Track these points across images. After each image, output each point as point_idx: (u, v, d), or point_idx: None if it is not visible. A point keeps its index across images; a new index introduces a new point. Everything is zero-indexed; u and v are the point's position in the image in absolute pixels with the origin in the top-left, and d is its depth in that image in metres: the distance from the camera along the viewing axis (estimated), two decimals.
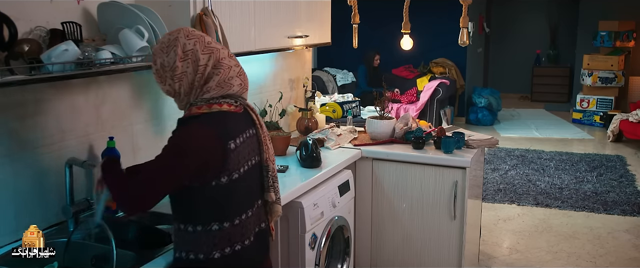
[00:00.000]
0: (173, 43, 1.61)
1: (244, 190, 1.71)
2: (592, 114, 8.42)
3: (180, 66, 1.60)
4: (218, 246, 1.65)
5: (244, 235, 1.71)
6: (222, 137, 1.61)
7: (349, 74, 7.97)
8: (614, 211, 4.76)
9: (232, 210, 1.67)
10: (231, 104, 1.67)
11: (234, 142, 1.64)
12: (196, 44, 1.62)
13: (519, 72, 11.19)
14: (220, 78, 1.63)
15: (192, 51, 1.61)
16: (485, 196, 5.06)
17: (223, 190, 1.63)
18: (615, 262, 3.86)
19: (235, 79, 1.66)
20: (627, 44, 8.37)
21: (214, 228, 1.64)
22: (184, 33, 1.63)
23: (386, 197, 3.09)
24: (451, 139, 3.00)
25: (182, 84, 1.62)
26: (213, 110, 1.63)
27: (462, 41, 3.21)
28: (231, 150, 1.62)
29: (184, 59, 1.60)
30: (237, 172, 1.66)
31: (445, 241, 3.00)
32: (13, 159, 1.90)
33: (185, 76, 1.61)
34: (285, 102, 3.45)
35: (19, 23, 1.77)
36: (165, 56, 1.62)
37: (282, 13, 2.91)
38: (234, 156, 1.64)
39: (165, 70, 1.62)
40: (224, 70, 1.64)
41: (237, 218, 1.68)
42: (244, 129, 1.71)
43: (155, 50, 1.66)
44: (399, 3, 3.71)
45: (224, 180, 1.62)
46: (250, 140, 1.73)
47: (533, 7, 11.11)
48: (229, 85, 1.65)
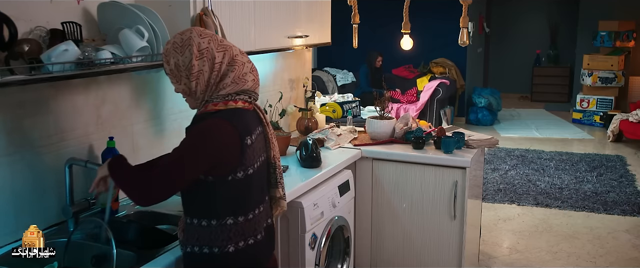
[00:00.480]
0: (187, 42, 1.63)
1: (257, 185, 1.75)
2: (592, 114, 8.42)
3: (197, 65, 1.62)
4: (232, 240, 1.68)
5: (257, 230, 1.75)
6: (240, 132, 1.65)
7: (349, 74, 7.97)
8: (614, 211, 4.76)
9: (247, 204, 1.71)
10: (245, 101, 1.71)
11: (250, 138, 1.68)
12: (210, 42, 1.65)
13: (519, 72, 11.19)
14: (235, 74, 1.66)
15: (207, 49, 1.63)
16: (485, 196, 5.06)
17: (239, 184, 1.67)
18: (615, 262, 3.86)
19: (248, 74, 1.70)
20: (627, 44, 8.37)
21: (229, 222, 1.67)
22: (196, 32, 1.65)
23: (386, 197, 3.09)
24: (451, 139, 3.00)
25: (198, 83, 1.64)
26: (229, 107, 1.66)
27: (462, 41, 3.21)
28: (248, 145, 1.66)
29: (200, 58, 1.63)
30: (252, 167, 1.70)
31: (445, 241, 3.00)
32: (13, 159, 1.89)
33: (201, 74, 1.64)
34: (285, 102, 3.45)
35: (19, 23, 1.76)
36: (179, 56, 1.63)
37: (282, 13, 2.91)
38: (250, 151, 1.68)
39: (181, 70, 1.64)
40: (238, 66, 1.67)
41: (251, 212, 1.73)
42: (256, 125, 1.75)
43: (166, 50, 1.67)
44: (399, 3, 3.71)
45: (241, 174, 1.66)
46: (260, 137, 1.77)
47: (533, 7, 11.12)
48: (243, 81, 1.68)
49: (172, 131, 2.55)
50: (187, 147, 1.61)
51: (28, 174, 1.95)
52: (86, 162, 1.96)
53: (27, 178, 1.95)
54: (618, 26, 8.26)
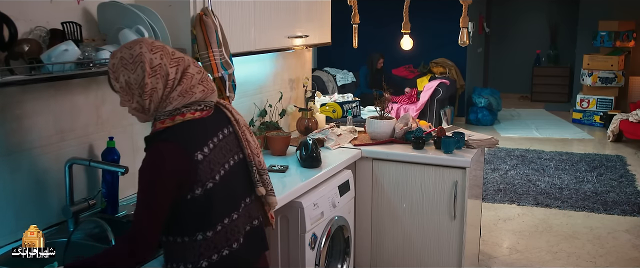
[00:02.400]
0: (138, 58, 1.52)
1: (223, 195, 1.66)
2: (592, 114, 8.42)
3: (150, 83, 1.52)
4: (204, 255, 1.62)
5: (230, 239, 1.67)
6: (187, 149, 1.55)
7: (349, 74, 7.97)
8: (614, 211, 4.76)
9: (212, 219, 1.63)
10: (195, 111, 1.60)
11: (201, 152, 1.57)
12: (163, 57, 1.54)
13: (519, 72, 11.19)
14: (182, 88, 1.56)
15: (160, 66, 1.53)
16: (485, 196, 5.06)
17: (199, 201, 1.59)
18: (615, 262, 3.86)
19: (197, 86, 1.59)
20: (627, 44, 8.37)
21: (198, 238, 1.61)
22: (147, 47, 1.53)
23: (386, 197, 3.09)
24: (451, 139, 3.00)
25: (152, 100, 1.54)
26: (176, 122, 1.57)
27: (462, 41, 3.21)
28: (199, 161, 1.57)
29: (152, 75, 1.52)
30: (212, 180, 1.60)
31: (445, 241, 3.00)
32: (13, 159, 1.90)
33: (155, 92, 1.53)
34: (285, 102, 3.45)
35: (19, 23, 1.77)
36: (130, 73, 1.52)
37: (282, 13, 2.91)
38: (204, 166, 1.58)
39: (133, 88, 1.53)
40: (187, 79, 1.57)
41: (220, 224, 1.65)
42: (214, 132, 1.65)
43: (114, 66, 1.54)
44: (399, 3, 3.71)
45: (198, 191, 1.58)
46: (226, 140, 1.68)
47: (533, 7, 11.12)
48: (191, 94, 1.57)
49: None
50: (145, 188, 1.52)
51: (28, 174, 1.95)
52: (89, 161, 1.96)
53: (27, 178, 1.95)
54: (618, 26, 8.26)
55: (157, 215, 1.53)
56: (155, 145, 1.55)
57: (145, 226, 1.51)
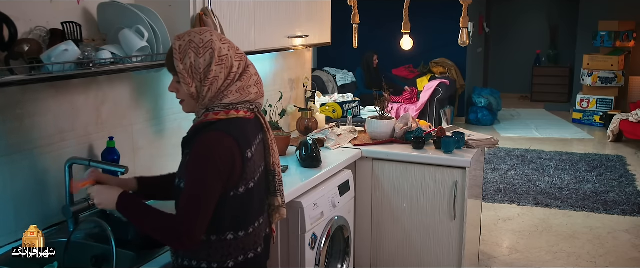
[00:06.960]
0: (208, 44, 1.55)
1: (259, 198, 1.70)
2: (592, 114, 8.42)
3: (215, 70, 1.55)
4: (232, 255, 1.62)
5: (257, 243, 1.70)
6: (241, 146, 1.58)
7: (349, 74, 7.97)
8: (614, 211, 4.76)
9: (248, 219, 1.65)
10: (247, 110, 1.64)
11: (250, 151, 1.61)
12: (230, 49, 1.59)
13: (519, 72, 11.19)
14: (241, 84, 1.60)
15: (227, 57, 1.57)
16: (485, 196, 5.06)
17: (241, 199, 1.60)
18: (615, 262, 3.86)
19: (253, 87, 1.63)
20: (627, 44, 8.38)
21: (229, 238, 1.61)
22: (216, 36, 1.58)
23: (386, 197, 3.09)
24: (451, 139, 3.00)
25: (211, 89, 1.57)
26: (230, 117, 1.59)
27: (462, 41, 3.21)
28: (249, 159, 1.60)
29: (219, 64, 1.56)
30: (253, 180, 1.64)
31: (445, 241, 3.00)
32: (13, 159, 1.89)
33: (216, 81, 1.57)
34: (285, 102, 3.45)
35: (19, 23, 1.76)
36: (198, 57, 1.55)
37: (282, 13, 2.91)
38: (251, 165, 1.62)
39: (197, 72, 1.56)
40: (247, 77, 1.61)
41: (252, 226, 1.67)
42: (256, 135, 1.69)
43: (181, 47, 1.56)
44: (399, 3, 3.71)
45: (242, 189, 1.60)
46: (259, 146, 1.71)
47: (533, 7, 11.12)
48: (247, 93, 1.61)
49: (172, 131, 2.55)
50: (199, 171, 1.51)
51: (28, 174, 1.95)
52: (90, 161, 1.96)
53: (27, 178, 1.95)
54: (618, 26, 8.26)
55: (210, 201, 1.52)
56: (211, 133, 1.55)
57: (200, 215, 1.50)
